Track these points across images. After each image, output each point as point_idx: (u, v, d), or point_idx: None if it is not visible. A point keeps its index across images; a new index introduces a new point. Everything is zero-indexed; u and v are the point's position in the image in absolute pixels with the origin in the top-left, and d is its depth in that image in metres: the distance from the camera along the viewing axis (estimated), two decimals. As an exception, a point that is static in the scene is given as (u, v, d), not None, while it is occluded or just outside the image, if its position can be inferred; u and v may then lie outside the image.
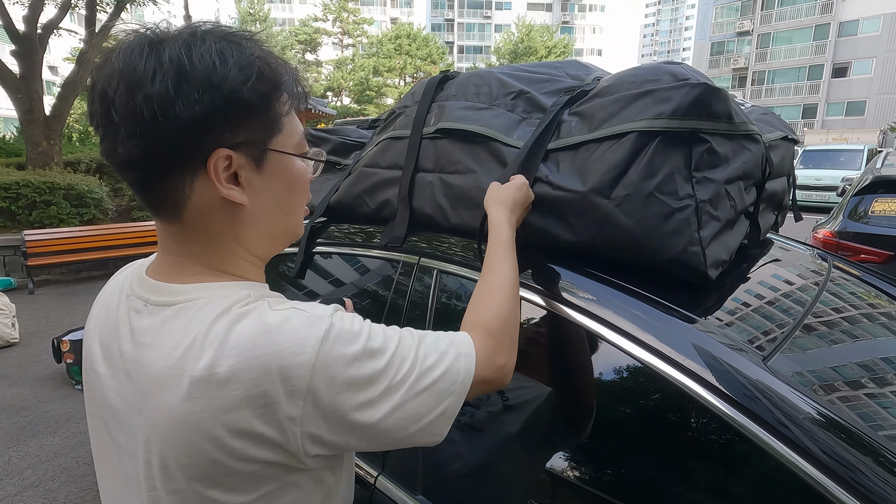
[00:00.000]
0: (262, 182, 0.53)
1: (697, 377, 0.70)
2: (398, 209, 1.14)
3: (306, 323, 0.48)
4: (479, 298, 0.68)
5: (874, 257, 3.09)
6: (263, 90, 0.50)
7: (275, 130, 0.52)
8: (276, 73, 0.51)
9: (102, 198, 6.80)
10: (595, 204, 0.82)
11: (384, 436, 0.52)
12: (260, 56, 0.50)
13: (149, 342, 0.50)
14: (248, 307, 0.49)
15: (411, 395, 0.52)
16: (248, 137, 0.50)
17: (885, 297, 1.26)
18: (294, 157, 0.55)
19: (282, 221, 0.57)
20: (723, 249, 0.84)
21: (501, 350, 0.62)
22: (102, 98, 0.47)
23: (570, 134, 0.89)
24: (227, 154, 0.49)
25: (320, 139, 1.49)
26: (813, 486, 0.60)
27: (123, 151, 0.47)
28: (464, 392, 0.56)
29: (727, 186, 0.83)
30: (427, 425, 0.53)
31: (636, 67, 0.89)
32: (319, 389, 0.47)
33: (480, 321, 0.64)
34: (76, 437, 2.63)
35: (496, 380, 0.61)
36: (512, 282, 0.70)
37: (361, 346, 0.50)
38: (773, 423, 0.64)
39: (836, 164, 10.93)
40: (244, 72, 0.48)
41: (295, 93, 0.54)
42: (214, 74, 0.46)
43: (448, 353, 0.56)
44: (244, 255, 0.56)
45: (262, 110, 0.50)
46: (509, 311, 0.67)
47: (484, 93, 1.07)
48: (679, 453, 0.78)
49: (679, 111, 0.77)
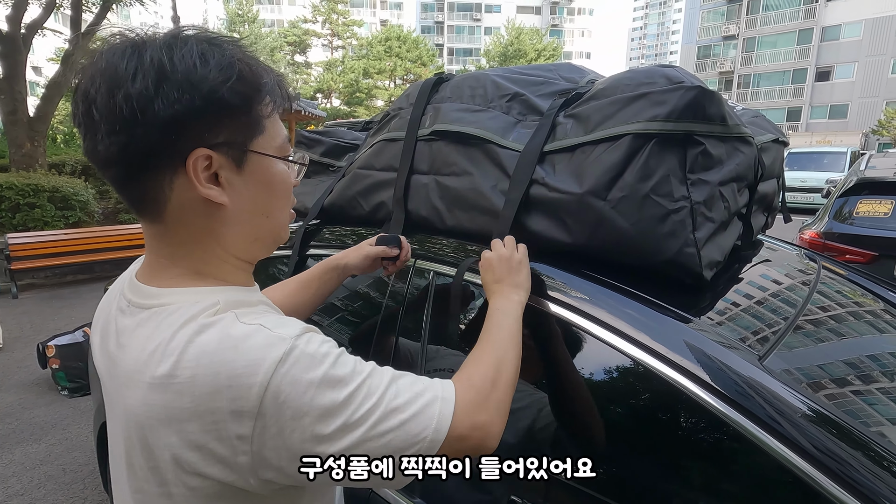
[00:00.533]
0: (242, 183, 0.53)
1: (692, 375, 0.70)
2: (393, 211, 1.14)
3: (266, 342, 0.47)
4: (468, 360, 0.65)
5: (859, 257, 3.15)
6: (244, 91, 0.50)
7: (256, 132, 0.53)
8: (257, 75, 0.52)
9: (88, 200, 6.69)
10: (591, 206, 0.83)
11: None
12: (241, 58, 0.50)
13: (124, 343, 0.52)
14: (214, 317, 0.49)
15: (372, 436, 0.48)
16: (229, 138, 0.50)
17: (871, 296, 1.29)
18: (275, 159, 0.55)
19: (263, 224, 0.56)
20: (717, 250, 0.84)
21: (484, 406, 0.57)
22: (84, 97, 0.47)
23: (566, 136, 0.90)
24: (207, 154, 0.49)
25: (313, 141, 1.48)
26: (805, 479, 0.61)
27: (103, 149, 0.48)
28: (436, 441, 0.51)
29: (721, 188, 0.84)
30: (384, 471, 0.49)
31: (631, 70, 0.90)
32: (270, 413, 0.45)
33: (465, 376, 0.61)
34: (62, 444, 2.58)
35: (475, 439, 0.55)
36: (499, 343, 0.68)
37: (322, 373, 0.47)
38: (766, 419, 0.65)
39: (820, 165, 11.14)
40: (224, 72, 0.48)
41: (278, 96, 0.54)
42: (194, 74, 0.47)
43: (423, 395, 0.52)
44: (225, 256, 0.55)
45: (242, 111, 0.51)
46: (493, 370, 0.63)
47: (479, 95, 1.07)
48: (674, 450, 0.79)
49: (674, 114, 0.78)
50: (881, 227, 3.15)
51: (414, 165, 1.11)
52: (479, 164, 1.00)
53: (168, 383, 0.46)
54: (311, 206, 1.34)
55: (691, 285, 0.83)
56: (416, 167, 1.10)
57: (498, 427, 0.59)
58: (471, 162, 1.01)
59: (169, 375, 0.46)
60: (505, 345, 0.68)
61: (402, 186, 1.11)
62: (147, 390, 0.47)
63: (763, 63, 32.25)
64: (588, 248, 0.87)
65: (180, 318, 0.49)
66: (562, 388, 0.92)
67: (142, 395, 0.47)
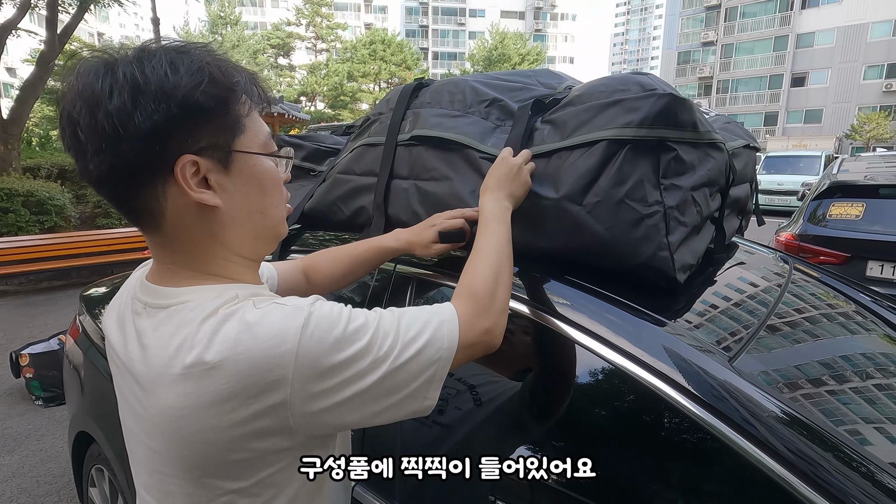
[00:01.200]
0: (231, 183, 0.55)
1: (668, 379, 0.72)
2: (373, 216, 1.14)
3: (286, 315, 0.50)
4: (464, 269, 0.71)
5: (832, 259, 3.24)
6: (217, 93, 0.51)
7: (236, 132, 0.54)
8: (228, 75, 0.53)
9: (64, 205, 6.54)
10: (568, 211, 0.84)
11: (374, 406, 0.53)
12: (210, 62, 0.52)
13: (146, 343, 0.54)
14: (234, 307, 0.51)
15: (397, 365, 0.54)
16: (211, 141, 0.52)
17: (843, 298, 1.32)
18: (260, 156, 0.57)
19: (259, 221, 0.58)
20: (690, 254, 0.86)
21: (486, 314, 0.64)
22: (69, 121, 0.50)
23: (543, 142, 0.91)
24: (193, 159, 0.51)
25: (294, 146, 1.47)
26: (777, 482, 0.62)
27: (94, 168, 0.50)
28: (450, 357, 0.58)
29: (693, 193, 0.85)
30: (416, 391, 0.55)
31: (606, 77, 0.91)
32: (305, 374, 0.49)
33: (464, 287, 0.67)
34: (36, 456, 2.51)
35: (483, 343, 0.63)
36: (495, 248, 0.72)
37: (342, 329, 0.52)
38: (740, 421, 0.66)
39: (796, 169, 11.44)
40: (195, 77, 0.50)
41: (254, 94, 0.57)
42: (167, 83, 0.49)
43: (430, 323, 0.58)
44: (229, 256, 0.58)
45: (219, 113, 0.52)
46: (493, 276, 0.68)
47: (458, 100, 1.08)
48: (649, 452, 0.80)
49: (647, 120, 0.80)
50: (853, 230, 3.24)
51: (394, 170, 1.11)
52: (458, 169, 1.01)
53: (200, 371, 0.48)
54: (291, 211, 1.34)
55: (666, 288, 0.84)
56: (396, 172, 1.11)
57: (501, 326, 0.67)
58: (450, 167, 1.01)
59: (199, 363, 0.48)
60: (500, 250, 0.73)
61: (382, 191, 1.11)
62: (179, 381, 0.49)
63: (741, 69, 32.99)
64: (565, 252, 0.88)
65: (203, 311, 0.51)
66: (546, 390, 0.93)
67: (174, 387, 0.49)
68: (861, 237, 3.17)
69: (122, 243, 5.94)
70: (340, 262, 0.93)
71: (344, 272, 0.93)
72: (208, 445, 0.50)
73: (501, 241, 0.74)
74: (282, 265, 0.89)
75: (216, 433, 0.49)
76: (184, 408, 0.49)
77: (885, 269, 3.10)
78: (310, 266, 0.92)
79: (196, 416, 0.49)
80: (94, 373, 1.57)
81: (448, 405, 0.94)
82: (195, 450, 0.51)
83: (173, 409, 0.50)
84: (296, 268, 0.91)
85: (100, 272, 5.56)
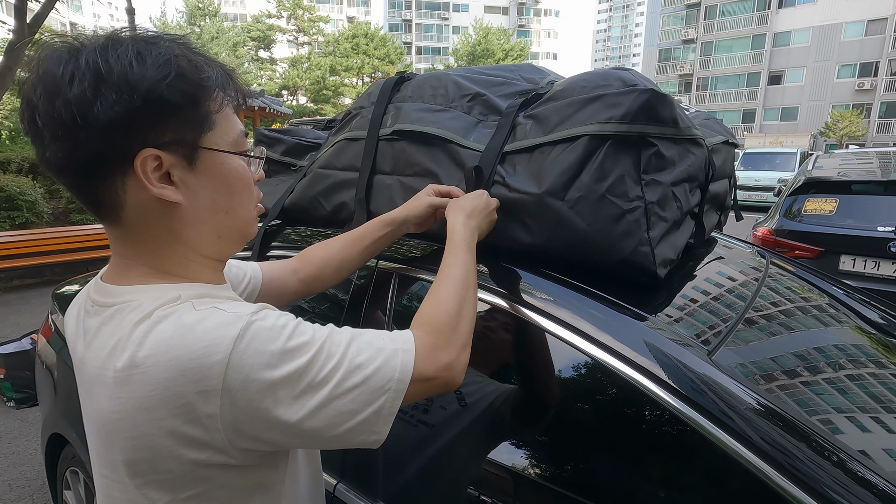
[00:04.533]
0: (196, 181, 0.53)
1: (648, 373, 0.72)
2: (355, 212, 1.12)
3: (223, 322, 0.48)
4: (427, 296, 0.68)
5: (807, 253, 3.32)
6: (185, 88, 0.50)
7: (205, 128, 0.52)
8: (199, 69, 0.51)
9: (36, 200, 6.34)
10: (550, 206, 0.84)
11: (314, 433, 0.50)
12: (180, 54, 0.50)
13: (90, 343, 0.53)
14: (171, 309, 0.49)
15: (339, 393, 0.50)
16: (176, 136, 0.50)
17: (817, 291, 1.35)
18: (229, 154, 0.55)
19: (224, 220, 0.56)
20: (670, 249, 0.87)
21: (446, 347, 0.60)
22: (28, 105, 0.48)
23: (526, 137, 0.91)
24: (155, 154, 0.49)
25: (274, 140, 1.45)
26: (754, 472, 0.63)
27: (51, 156, 0.48)
28: (401, 390, 0.54)
29: (674, 188, 0.86)
30: (361, 423, 0.52)
31: (588, 72, 0.91)
32: (235, 388, 0.47)
33: (424, 318, 0.63)
34: (8, 459, 2.44)
35: (442, 379, 0.58)
36: (461, 279, 0.68)
37: (281, 344, 0.49)
38: (718, 413, 0.67)
39: (773, 165, 11.69)
40: (161, 70, 0.48)
41: (229, 90, 0.55)
42: (131, 74, 0.47)
43: (384, 350, 0.55)
44: (190, 255, 0.56)
45: (187, 108, 0.51)
46: (457, 308, 0.64)
47: (441, 95, 1.07)
48: (629, 446, 0.81)
49: (628, 116, 0.80)
50: (827, 225, 3.32)
51: (376, 165, 1.10)
52: (441, 164, 1.00)
53: (130, 375, 0.47)
54: (271, 207, 1.31)
55: (646, 284, 0.85)
56: (378, 167, 1.09)
57: (463, 362, 0.62)
58: (433, 162, 1.01)
59: (129, 367, 0.47)
60: (467, 282, 0.69)
61: (363, 186, 1.10)
62: (112, 385, 0.48)
63: (720, 67, 33.52)
64: (547, 248, 0.88)
65: (140, 312, 0.49)
66: (530, 386, 0.93)
67: (108, 391, 0.48)
68: (834, 232, 3.26)
69: (96, 240, 5.78)
70: (332, 249, 0.88)
71: (339, 260, 0.87)
72: (143, 451, 0.48)
73: (470, 272, 0.71)
74: (270, 264, 0.86)
75: (150, 440, 0.48)
76: (116, 412, 0.48)
77: (856, 263, 3.19)
78: (301, 261, 0.88)
79: (129, 421, 0.48)
80: (67, 373, 1.53)
81: (431, 402, 0.94)
82: (132, 456, 0.49)
83: (107, 413, 0.49)
84: (285, 266, 0.86)
85: (74, 269, 5.42)
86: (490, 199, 0.85)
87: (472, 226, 0.79)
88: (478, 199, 0.83)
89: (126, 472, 0.50)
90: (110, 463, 0.52)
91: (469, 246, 0.75)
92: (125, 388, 0.47)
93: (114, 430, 0.49)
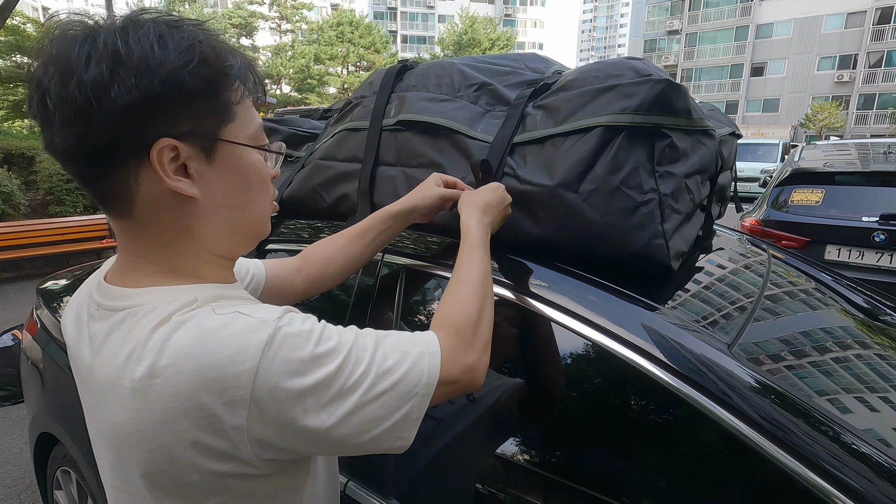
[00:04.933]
0: (213, 174, 0.50)
1: (648, 355, 0.72)
2: (358, 204, 1.10)
3: (248, 328, 0.45)
4: (446, 297, 0.66)
5: (793, 243, 3.37)
6: (208, 75, 0.47)
7: (225, 119, 0.50)
8: (222, 58, 0.49)
9: (13, 192, 6.14)
10: (563, 198, 0.83)
11: (341, 441, 0.49)
12: (204, 41, 0.48)
13: (98, 350, 0.50)
14: (189, 313, 0.46)
15: (368, 399, 0.49)
16: (195, 126, 0.48)
17: (815, 282, 1.37)
18: (248, 148, 0.52)
19: (238, 217, 0.54)
20: (683, 241, 0.87)
21: (470, 349, 0.59)
22: (38, 86, 0.45)
23: (536, 127, 0.89)
24: (172, 144, 0.47)
25: (269, 130, 1.41)
26: (756, 449, 0.63)
27: (60, 141, 0.45)
28: (428, 394, 0.53)
29: (686, 180, 0.85)
30: (389, 429, 0.50)
31: (600, 62, 0.90)
32: (264, 398, 0.45)
33: (447, 319, 0.61)
34: (-8, 458, 2.38)
35: (465, 381, 0.58)
36: (480, 279, 0.67)
37: (310, 351, 0.47)
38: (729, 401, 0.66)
39: (755, 156, 11.90)
40: (184, 55, 0.46)
41: (249, 81, 0.52)
42: (152, 58, 0.44)
43: (410, 353, 0.53)
44: (201, 253, 0.53)
45: (208, 97, 0.48)
46: (478, 309, 0.63)
47: (445, 84, 1.04)
48: (648, 441, 0.81)
49: (643, 106, 0.79)
50: (813, 215, 3.38)
51: (380, 156, 1.07)
52: (447, 155, 0.98)
53: (149, 385, 0.44)
54: (277, 209, 1.28)
55: (658, 276, 0.84)
56: (381, 158, 1.07)
57: (484, 363, 0.61)
58: (439, 153, 0.98)
59: (149, 376, 0.44)
60: (485, 282, 0.68)
61: (367, 178, 1.07)
62: (129, 396, 0.45)
63: (704, 58, 33.82)
64: (556, 240, 0.87)
65: (156, 317, 0.46)
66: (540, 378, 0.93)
67: (124, 401, 0.45)
68: (820, 222, 3.31)
69: (76, 232, 5.64)
70: (336, 246, 0.85)
71: (343, 256, 0.84)
72: (162, 464, 0.46)
73: (486, 272, 0.69)
74: (273, 262, 0.83)
75: (170, 452, 0.45)
76: (134, 424, 0.45)
77: (841, 252, 3.25)
78: (304, 260, 0.84)
79: (147, 432, 0.45)
80: (55, 370, 1.48)
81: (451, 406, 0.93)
82: (150, 468, 0.47)
83: (124, 425, 0.46)
84: (288, 264, 0.83)
85: (54, 263, 5.27)
86: (505, 193, 0.83)
87: (486, 223, 0.77)
88: (493, 193, 0.81)
89: (144, 484, 0.48)
90: (124, 475, 0.49)
91: (485, 244, 0.74)
92: (143, 399, 0.44)
93: (130, 441, 0.46)
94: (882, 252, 3.12)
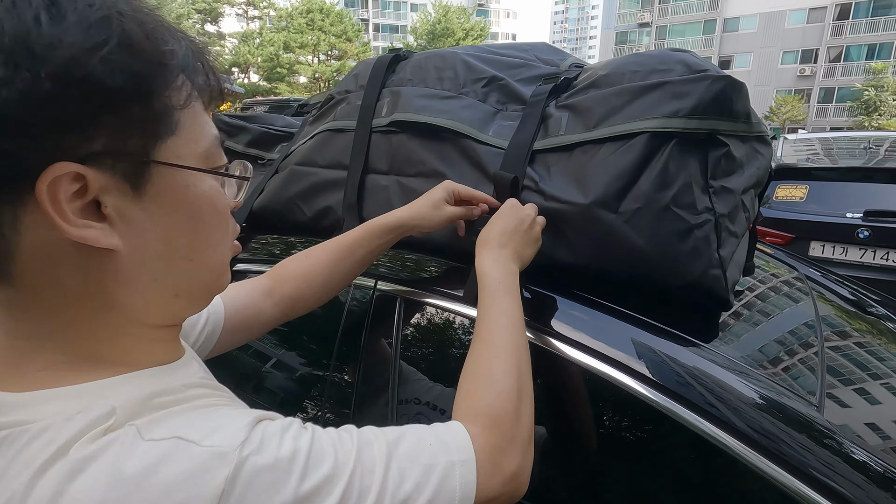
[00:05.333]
0: (143, 214, 0.34)
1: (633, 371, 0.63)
2: (343, 219, 0.93)
3: (194, 470, 0.30)
4: (471, 369, 0.51)
5: (778, 239, 3.35)
6: (133, 66, 0.31)
7: (161, 132, 0.34)
8: (157, 39, 0.33)
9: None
10: (600, 219, 0.68)
11: None
12: (127, 13, 0.31)
13: None
14: (99, 443, 0.30)
15: None
16: (114, 144, 0.32)
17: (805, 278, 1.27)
18: (198, 172, 0.36)
19: (184, 271, 0.37)
20: (737, 269, 0.74)
21: (511, 447, 0.45)
22: None
23: (561, 132, 0.74)
24: (75, 171, 0.30)
25: (236, 128, 1.21)
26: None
27: None
28: None
29: (743, 196, 0.72)
30: None
31: (638, 54, 0.76)
32: None
33: (478, 406, 0.47)
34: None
35: (507, 494, 0.44)
36: (511, 340, 0.53)
37: (292, 490, 0.32)
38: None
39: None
40: (94, 33, 0.29)
41: (200, 74, 0.35)
42: (36, 36, 0.28)
43: (435, 467, 0.39)
44: (128, 327, 0.36)
45: (134, 99, 0.32)
46: (516, 386, 0.49)
47: (448, 78, 0.88)
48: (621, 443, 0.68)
49: (699, 109, 0.65)
50: (797, 211, 3.36)
51: (369, 163, 0.91)
52: (452, 163, 0.82)
53: None
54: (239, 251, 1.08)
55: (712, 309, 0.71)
56: (371, 165, 0.91)
57: (529, 465, 0.47)
58: (442, 161, 0.83)
59: None
60: (518, 343, 0.53)
61: (354, 189, 0.91)
62: None
63: (674, 51, 34.36)
64: (590, 267, 0.72)
65: (47, 446, 0.29)
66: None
67: None
68: (805, 218, 3.30)
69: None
70: (315, 261, 0.69)
71: (326, 274, 0.69)
72: None
73: (516, 324, 0.55)
74: (234, 290, 0.64)
75: None
76: None
77: (826, 249, 3.25)
78: (274, 279, 0.68)
79: None
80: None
81: None
82: None
83: None
84: (256, 287, 0.66)
85: None
86: (525, 210, 0.68)
87: (506, 257, 0.61)
88: (507, 216, 0.65)
89: None
90: None
91: (508, 287, 0.58)
92: None
93: None
94: (865, 248, 3.12)
